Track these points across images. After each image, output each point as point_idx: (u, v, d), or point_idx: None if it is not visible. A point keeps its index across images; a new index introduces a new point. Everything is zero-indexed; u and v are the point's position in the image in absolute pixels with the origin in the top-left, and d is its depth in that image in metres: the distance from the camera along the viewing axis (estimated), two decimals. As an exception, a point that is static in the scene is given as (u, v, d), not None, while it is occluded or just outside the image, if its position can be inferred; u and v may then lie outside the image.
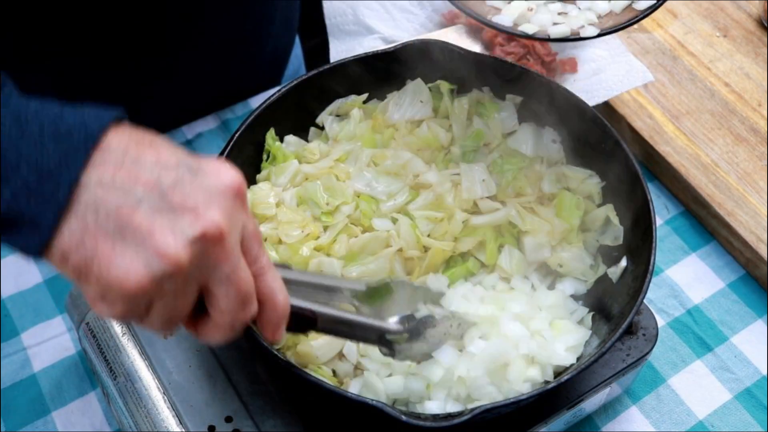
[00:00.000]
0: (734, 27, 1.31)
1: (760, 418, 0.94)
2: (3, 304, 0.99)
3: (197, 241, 0.52)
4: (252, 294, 0.58)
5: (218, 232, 0.53)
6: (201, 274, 0.54)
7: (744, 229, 1.05)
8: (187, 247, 0.52)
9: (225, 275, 0.55)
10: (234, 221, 0.55)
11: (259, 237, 0.59)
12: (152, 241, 0.51)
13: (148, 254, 0.51)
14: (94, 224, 0.51)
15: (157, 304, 0.54)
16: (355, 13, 1.26)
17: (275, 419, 0.76)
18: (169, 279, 0.52)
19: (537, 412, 0.80)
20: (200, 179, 0.54)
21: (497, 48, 1.21)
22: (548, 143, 0.95)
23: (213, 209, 0.53)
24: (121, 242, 0.51)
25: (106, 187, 0.52)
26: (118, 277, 0.51)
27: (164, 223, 0.52)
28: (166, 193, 0.53)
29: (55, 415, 0.91)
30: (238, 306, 0.57)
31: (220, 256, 0.54)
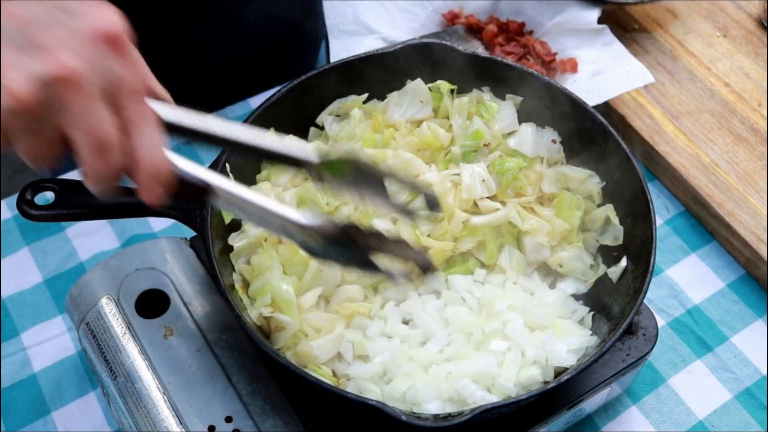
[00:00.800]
0: (734, 27, 1.31)
1: (760, 418, 0.94)
2: (3, 304, 0.99)
3: (46, 82, 0.52)
4: (110, 144, 0.55)
5: (70, 75, 0.52)
6: (54, 117, 0.53)
7: (744, 229, 1.05)
8: (33, 85, 0.51)
9: (80, 121, 0.54)
10: (97, 67, 0.54)
11: (138, 90, 0.57)
12: (5, 77, 0.51)
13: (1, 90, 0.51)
14: None
15: (16, 138, 0.54)
16: (355, 13, 1.26)
17: (275, 419, 0.76)
18: (16, 115, 0.52)
19: (537, 412, 0.80)
20: (72, 20, 0.54)
21: (497, 48, 1.21)
22: (548, 143, 0.95)
23: (70, 52, 0.53)
24: None
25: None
26: None
27: (15, 59, 0.52)
28: (26, 30, 0.52)
29: (55, 415, 0.91)
30: (96, 155, 0.55)
31: (72, 99, 0.53)
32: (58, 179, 0.80)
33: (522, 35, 1.23)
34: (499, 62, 0.95)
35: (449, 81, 0.96)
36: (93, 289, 0.83)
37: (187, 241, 0.89)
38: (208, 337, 0.80)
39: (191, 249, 0.87)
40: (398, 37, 1.23)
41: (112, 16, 0.56)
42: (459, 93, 0.97)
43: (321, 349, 0.80)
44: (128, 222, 1.06)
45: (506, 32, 1.23)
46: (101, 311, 0.82)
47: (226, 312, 0.82)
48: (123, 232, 1.06)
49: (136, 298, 0.82)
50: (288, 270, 0.84)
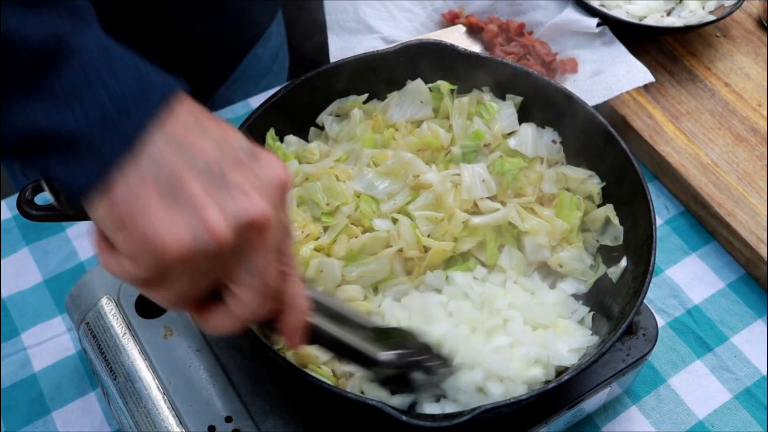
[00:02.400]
0: (734, 27, 1.31)
1: (760, 418, 0.94)
2: (3, 304, 0.99)
3: (244, 226, 0.51)
4: (273, 291, 0.57)
5: (265, 222, 0.52)
6: (234, 259, 0.53)
7: (744, 229, 1.05)
8: (234, 228, 0.51)
9: (256, 266, 0.54)
10: (278, 216, 0.55)
11: (291, 237, 0.59)
12: (203, 213, 0.50)
13: (197, 225, 0.50)
14: (152, 179, 0.49)
15: (179, 279, 0.52)
16: (355, 11, 1.26)
17: (275, 419, 0.76)
18: (207, 255, 0.51)
19: (537, 412, 0.80)
20: (258, 167, 0.54)
21: (497, 48, 1.21)
22: (548, 143, 0.95)
23: (265, 198, 0.53)
24: (174, 205, 0.50)
25: (173, 147, 0.50)
26: (162, 237, 0.49)
27: (219, 199, 0.51)
28: (225, 170, 0.52)
29: (55, 415, 0.91)
30: (260, 300, 0.55)
31: (258, 245, 0.53)
32: (58, 179, 0.80)
33: (522, 35, 1.23)
34: (499, 62, 0.95)
35: (449, 81, 0.96)
36: (93, 289, 0.83)
37: (187, 241, 0.88)
38: (208, 337, 0.80)
39: (191, 249, 0.87)
40: (398, 37, 1.23)
41: (284, 165, 0.56)
42: (459, 93, 0.97)
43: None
44: (128, 222, 1.06)
45: (506, 32, 1.23)
46: (101, 311, 0.82)
47: (226, 312, 0.82)
48: (123, 232, 1.06)
49: (136, 298, 0.82)
50: None
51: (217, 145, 0.52)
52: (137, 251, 0.51)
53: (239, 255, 0.53)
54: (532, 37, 1.24)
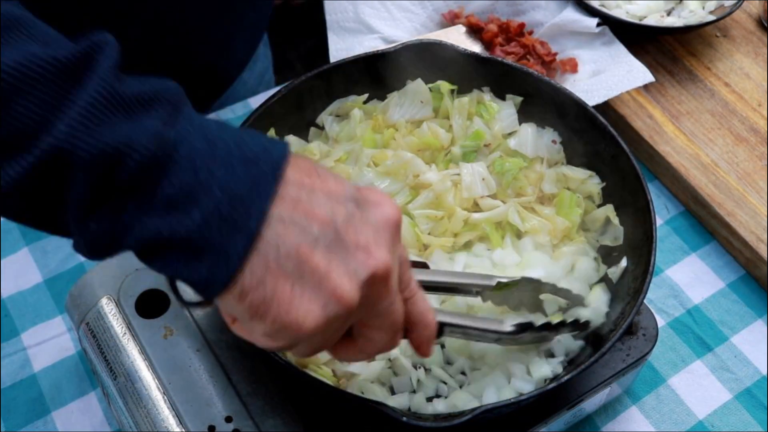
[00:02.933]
0: (734, 27, 1.31)
1: (760, 418, 0.94)
2: (3, 304, 0.99)
3: (369, 282, 0.52)
4: (401, 326, 0.58)
5: (387, 271, 0.53)
6: (362, 312, 0.54)
7: (744, 229, 1.05)
8: (360, 288, 0.52)
9: (383, 309, 0.55)
10: (395, 256, 0.55)
11: (408, 263, 0.59)
12: (329, 283, 0.50)
13: (326, 297, 0.50)
14: (275, 262, 0.49)
15: (315, 340, 0.54)
16: (355, 11, 1.26)
17: (275, 419, 0.76)
18: (338, 319, 0.52)
19: (537, 412, 0.80)
20: (367, 214, 0.54)
21: (497, 48, 1.21)
22: (548, 143, 0.95)
23: (382, 248, 0.53)
24: (300, 283, 0.50)
25: (286, 224, 0.50)
26: (297, 320, 0.50)
27: (340, 264, 0.51)
28: (339, 231, 0.51)
29: (55, 415, 0.91)
30: (389, 337, 0.57)
31: (383, 292, 0.54)
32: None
33: (522, 35, 1.23)
34: (499, 62, 0.95)
35: (449, 81, 0.96)
36: (93, 289, 0.83)
37: (187, 241, 0.88)
38: (208, 337, 0.80)
39: (191, 249, 0.87)
40: (398, 37, 1.23)
41: (393, 202, 0.56)
42: (459, 93, 0.97)
43: None
44: (128, 222, 1.06)
45: (506, 32, 1.23)
46: (101, 311, 0.82)
47: (226, 312, 0.82)
48: (123, 232, 1.06)
49: (136, 298, 0.82)
50: None
51: (325, 207, 0.52)
52: (275, 332, 0.51)
53: (368, 306, 0.54)
54: (532, 37, 1.24)
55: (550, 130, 0.96)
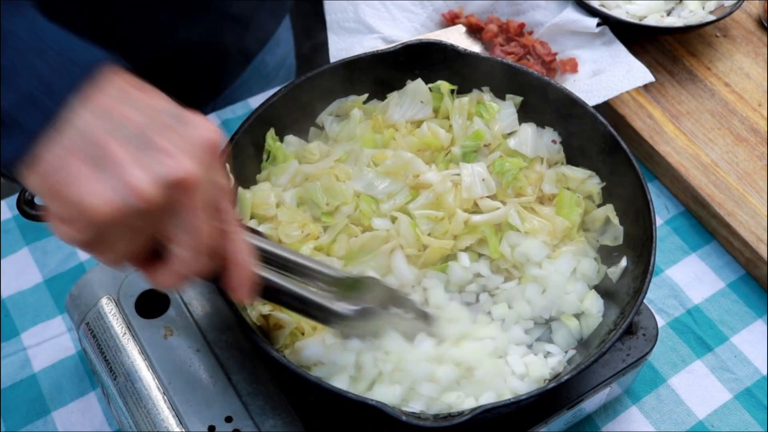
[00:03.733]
0: (734, 27, 1.31)
1: (760, 418, 0.94)
2: (3, 304, 0.99)
3: (169, 184, 0.54)
4: (208, 248, 0.60)
5: (190, 180, 0.55)
6: (165, 218, 0.56)
7: (744, 229, 1.05)
8: (158, 186, 0.54)
9: (187, 224, 0.57)
10: (207, 175, 0.57)
11: (229, 198, 0.62)
12: (127, 174, 0.53)
13: (120, 185, 0.53)
14: (78, 148, 0.53)
15: (117, 238, 0.56)
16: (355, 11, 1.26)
17: (275, 419, 0.76)
18: (135, 214, 0.54)
19: (537, 412, 0.80)
20: (184, 129, 0.56)
21: (497, 48, 1.21)
22: (548, 143, 0.95)
23: (190, 159, 0.55)
24: (99, 170, 0.53)
25: (98, 117, 0.54)
26: (90, 203, 0.53)
27: (142, 161, 0.54)
28: (150, 135, 0.55)
29: (55, 415, 0.91)
30: (194, 256, 0.59)
31: (186, 203, 0.56)
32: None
33: (522, 35, 1.23)
34: (499, 62, 0.95)
35: (449, 81, 0.96)
36: (93, 289, 0.83)
37: (187, 241, 0.88)
38: (208, 337, 0.80)
39: (191, 249, 0.87)
40: (398, 37, 1.23)
41: (214, 127, 0.59)
42: (459, 93, 0.97)
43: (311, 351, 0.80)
44: (128, 222, 1.06)
45: (506, 32, 1.23)
46: (101, 311, 0.82)
47: (226, 312, 0.82)
48: (123, 232, 1.06)
49: (136, 298, 0.82)
50: None
51: (142, 113, 0.55)
52: (71, 216, 0.54)
53: (170, 214, 0.56)
54: (532, 37, 1.24)
55: (549, 130, 0.96)
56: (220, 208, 0.61)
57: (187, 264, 0.59)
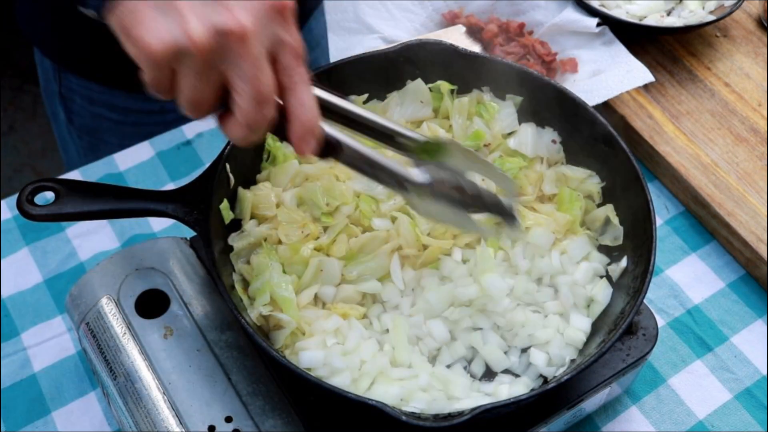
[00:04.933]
0: (734, 27, 1.32)
1: (760, 418, 0.94)
2: (3, 304, 0.99)
3: (220, 32, 0.59)
4: (269, 98, 0.63)
5: (242, 32, 0.59)
6: (221, 65, 0.61)
7: (744, 229, 1.05)
8: (208, 33, 0.59)
9: (245, 73, 0.61)
10: (266, 30, 0.62)
11: (298, 54, 0.65)
12: (181, 18, 0.59)
13: (175, 27, 0.59)
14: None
15: (180, 80, 0.61)
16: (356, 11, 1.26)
17: (275, 419, 0.76)
18: (187, 56, 0.59)
19: (537, 412, 0.80)
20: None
21: (497, 48, 1.21)
22: (548, 143, 0.95)
23: (246, 12, 0.60)
24: (162, 15, 0.59)
25: None
26: (147, 40, 0.59)
27: (199, 10, 0.59)
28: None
29: (55, 415, 0.91)
30: (255, 105, 0.62)
31: (242, 53, 0.60)
32: (58, 179, 0.81)
33: (522, 35, 1.23)
34: (499, 62, 0.95)
35: (449, 81, 0.96)
36: (93, 289, 0.83)
37: (187, 241, 0.89)
38: (208, 337, 0.80)
39: (191, 249, 0.87)
40: (398, 37, 1.23)
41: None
42: (459, 93, 0.97)
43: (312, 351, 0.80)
44: (128, 222, 1.06)
45: (506, 32, 1.23)
46: (101, 311, 0.82)
47: (226, 312, 0.82)
48: (123, 232, 1.06)
49: (136, 298, 0.82)
50: (288, 269, 0.84)
51: None
52: (135, 55, 0.61)
53: (226, 61, 0.61)
54: (532, 37, 1.24)
55: (549, 130, 0.96)
56: (284, 62, 0.64)
57: (249, 113, 0.62)
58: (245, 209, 0.87)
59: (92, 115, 1.24)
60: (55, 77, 1.22)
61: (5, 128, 2.65)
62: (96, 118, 1.24)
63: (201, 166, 1.10)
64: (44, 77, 1.25)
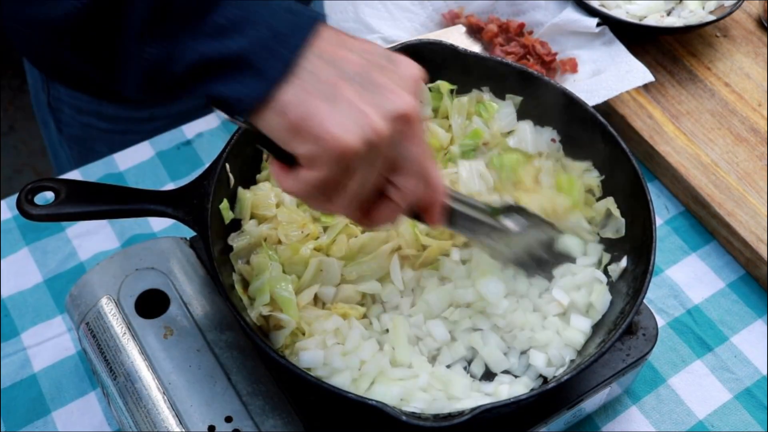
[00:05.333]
0: (734, 27, 1.31)
1: (760, 418, 0.94)
2: (3, 304, 0.99)
3: (396, 118, 0.59)
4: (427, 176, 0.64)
5: (413, 113, 0.60)
6: (394, 152, 0.61)
7: (744, 229, 1.05)
8: (388, 120, 0.59)
9: (413, 154, 0.62)
10: (420, 107, 0.62)
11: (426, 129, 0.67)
12: (360, 110, 0.58)
13: (359, 119, 0.57)
14: (312, 87, 0.58)
15: (354, 178, 0.60)
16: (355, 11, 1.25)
17: (275, 419, 0.76)
18: (372, 147, 0.58)
19: (537, 412, 0.80)
20: (396, 67, 0.62)
21: (497, 48, 1.21)
22: (548, 142, 0.95)
23: (409, 93, 0.61)
24: (335, 105, 0.58)
25: (324, 60, 0.59)
26: (335, 133, 0.57)
27: (370, 99, 0.59)
28: (372, 74, 0.60)
29: (55, 415, 0.91)
30: (420, 183, 0.63)
31: (410, 135, 0.61)
32: (58, 179, 0.80)
33: (522, 35, 1.23)
34: (499, 62, 0.95)
35: (449, 81, 0.96)
36: (93, 289, 0.83)
37: (187, 241, 0.89)
38: (208, 337, 0.80)
39: (191, 249, 0.88)
40: (398, 37, 1.23)
41: (416, 64, 0.64)
42: (459, 93, 0.97)
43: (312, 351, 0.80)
44: (128, 222, 1.06)
45: (506, 32, 1.23)
46: (101, 311, 0.82)
47: (226, 312, 0.82)
48: (123, 232, 1.06)
49: (136, 298, 0.82)
50: (287, 269, 0.84)
51: (360, 56, 0.61)
52: (314, 152, 0.58)
53: (396, 146, 0.60)
54: (532, 37, 1.24)
55: (549, 130, 0.95)
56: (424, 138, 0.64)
57: (414, 192, 0.63)
58: (245, 209, 0.87)
59: (81, 125, 1.23)
60: (44, 87, 1.21)
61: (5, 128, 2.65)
62: (85, 128, 1.23)
63: (201, 166, 1.10)
64: (33, 86, 1.25)
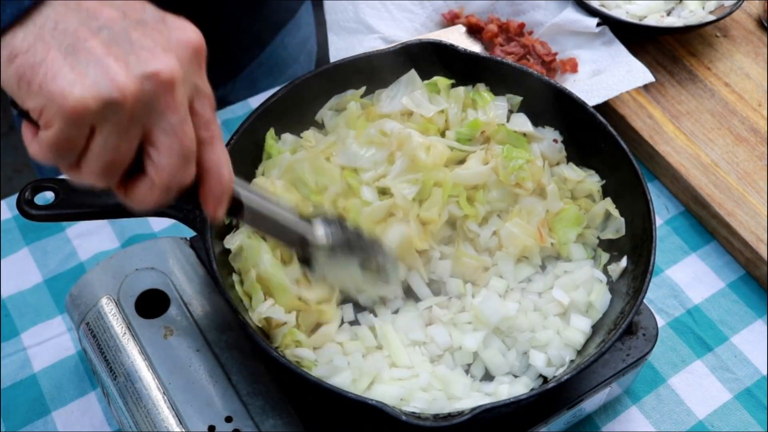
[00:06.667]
0: (734, 27, 1.31)
1: (760, 418, 0.94)
2: (3, 304, 0.99)
3: (148, 79, 0.52)
4: (193, 153, 0.56)
5: (170, 77, 0.53)
6: (146, 118, 0.53)
7: (744, 229, 1.05)
8: (137, 80, 0.51)
9: (170, 125, 0.54)
10: (188, 76, 0.55)
11: (212, 104, 0.58)
12: (104, 64, 0.51)
13: (98, 74, 0.50)
14: (49, 35, 0.51)
15: (96, 139, 0.52)
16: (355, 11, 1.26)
17: (275, 419, 0.76)
18: (113, 108, 0.51)
19: (537, 412, 0.81)
20: (164, 28, 0.55)
21: (497, 48, 1.21)
22: (549, 143, 0.95)
23: (170, 56, 0.53)
24: (73, 58, 0.51)
25: (70, 9, 0.52)
26: (63, 89, 0.50)
27: (119, 54, 0.52)
28: (128, 29, 0.53)
29: (55, 415, 0.91)
30: (179, 162, 0.55)
31: (168, 103, 0.53)
32: (58, 179, 0.80)
33: (522, 35, 1.23)
34: (499, 62, 0.95)
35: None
36: (93, 289, 0.83)
37: (187, 241, 0.89)
38: (208, 337, 0.80)
39: (191, 249, 0.88)
40: (398, 37, 1.23)
41: (196, 30, 0.57)
42: (457, 88, 0.97)
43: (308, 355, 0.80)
44: (128, 222, 1.06)
45: (506, 32, 1.23)
46: (101, 311, 0.82)
47: (226, 312, 0.82)
48: (123, 232, 1.06)
49: (136, 298, 0.82)
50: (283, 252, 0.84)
51: (118, 10, 0.53)
52: (42, 105, 0.51)
53: (151, 113, 0.53)
54: (532, 37, 1.24)
55: (550, 130, 0.95)
56: (201, 113, 0.57)
57: (170, 172, 0.55)
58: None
59: None
60: None
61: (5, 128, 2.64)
62: None
63: (201, 166, 1.10)
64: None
